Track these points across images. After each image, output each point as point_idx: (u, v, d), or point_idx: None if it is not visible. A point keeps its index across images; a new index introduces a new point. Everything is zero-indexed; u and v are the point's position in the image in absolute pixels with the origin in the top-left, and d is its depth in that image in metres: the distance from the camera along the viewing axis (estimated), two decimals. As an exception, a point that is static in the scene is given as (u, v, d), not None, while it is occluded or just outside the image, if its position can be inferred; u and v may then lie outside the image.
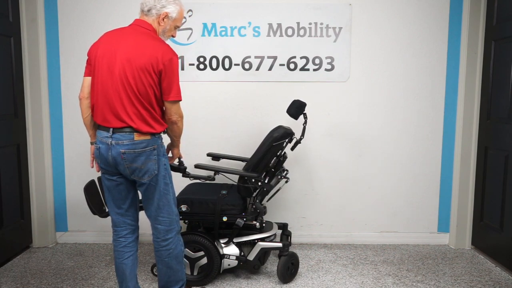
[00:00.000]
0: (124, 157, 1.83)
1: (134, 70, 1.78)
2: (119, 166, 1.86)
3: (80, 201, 3.03)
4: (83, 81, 1.93)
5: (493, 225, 2.79)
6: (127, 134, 1.83)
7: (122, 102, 1.80)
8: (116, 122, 1.82)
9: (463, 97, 2.96)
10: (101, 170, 1.96)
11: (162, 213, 1.97)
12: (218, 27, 2.95)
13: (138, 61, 1.79)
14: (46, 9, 2.92)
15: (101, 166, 1.93)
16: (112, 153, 1.84)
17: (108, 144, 1.84)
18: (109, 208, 2.03)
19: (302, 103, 2.52)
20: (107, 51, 1.83)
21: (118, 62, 1.79)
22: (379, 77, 3.02)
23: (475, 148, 2.97)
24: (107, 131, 1.84)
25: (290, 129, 2.47)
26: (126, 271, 1.99)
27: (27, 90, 2.87)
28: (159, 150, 1.92)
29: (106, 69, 1.81)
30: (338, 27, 2.96)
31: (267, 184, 2.39)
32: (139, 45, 1.82)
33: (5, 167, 2.71)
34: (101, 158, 1.89)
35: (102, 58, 1.83)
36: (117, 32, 1.91)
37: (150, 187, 1.92)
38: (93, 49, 1.90)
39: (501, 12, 2.72)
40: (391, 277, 2.54)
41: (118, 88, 1.80)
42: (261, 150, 2.38)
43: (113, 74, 1.80)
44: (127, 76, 1.78)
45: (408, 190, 3.11)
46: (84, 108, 1.93)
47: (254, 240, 2.41)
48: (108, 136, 1.84)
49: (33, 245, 2.99)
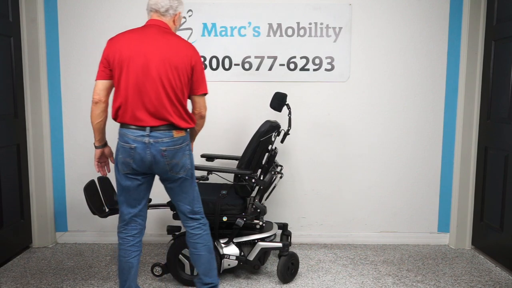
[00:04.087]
0: (165, 155, 1.88)
1: (172, 69, 1.84)
2: (157, 164, 1.89)
3: (80, 201, 3.03)
4: (97, 84, 1.88)
5: (493, 225, 2.79)
6: (166, 131, 1.88)
7: (162, 101, 1.84)
8: (153, 120, 1.86)
9: (463, 97, 2.96)
10: (125, 170, 1.91)
11: (197, 203, 2.07)
12: (218, 27, 2.95)
13: (174, 60, 1.85)
14: (46, 9, 2.92)
15: (132, 166, 1.90)
16: (152, 151, 1.87)
17: (146, 142, 1.86)
18: (122, 207, 1.99)
19: (283, 95, 2.56)
20: (136, 52, 1.83)
21: (154, 62, 1.83)
22: (379, 77, 3.02)
23: (475, 148, 2.97)
24: (143, 130, 1.86)
25: (276, 122, 2.49)
26: (131, 270, 1.99)
27: (27, 90, 2.87)
28: (189, 145, 2.02)
29: (140, 69, 1.82)
30: (338, 27, 2.96)
31: (261, 181, 2.39)
32: (171, 45, 1.87)
33: (5, 167, 2.71)
34: (135, 157, 1.87)
35: (132, 60, 1.82)
36: (138, 33, 1.90)
37: (185, 181, 1.99)
38: (111, 52, 1.85)
39: (501, 12, 2.72)
40: (391, 277, 2.54)
41: (157, 87, 1.83)
42: (250, 146, 2.38)
43: (149, 74, 1.83)
44: (167, 75, 1.84)
45: (408, 190, 3.11)
46: (99, 112, 1.90)
47: (254, 240, 2.41)
48: (145, 135, 1.86)
49: (33, 245, 2.99)
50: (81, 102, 3.00)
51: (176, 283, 2.42)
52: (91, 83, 2.97)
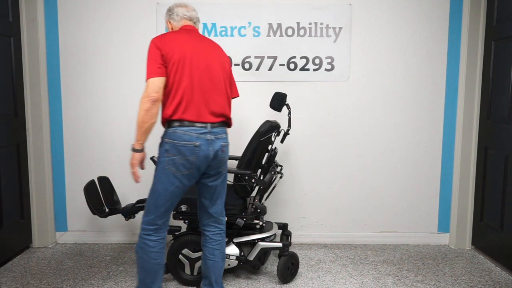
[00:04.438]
0: (224, 150, 1.97)
1: (224, 71, 1.99)
2: (216, 159, 1.94)
3: (80, 201, 3.04)
4: (155, 82, 1.81)
5: (493, 225, 2.79)
6: (222, 128, 1.98)
7: (223, 99, 1.97)
8: (212, 117, 1.92)
9: (463, 97, 2.96)
10: (183, 171, 1.87)
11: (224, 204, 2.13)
12: (218, 27, 2.95)
13: (224, 63, 2.01)
14: (46, 9, 2.92)
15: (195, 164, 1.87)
16: (214, 147, 1.91)
17: (208, 139, 1.89)
18: (157, 212, 1.90)
19: (283, 95, 2.56)
20: (196, 52, 1.89)
21: (214, 63, 1.94)
22: (379, 77, 3.02)
23: (475, 148, 2.97)
24: (205, 127, 1.89)
25: (276, 122, 2.49)
26: (160, 271, 1.97)
27: (27, 90, 2.87)
28: None
29: (204, 69, 1.90)
30: (338, 27, 2.96)
31: (261, 181, 2.39)
32: (216, 49, 2.01)
33: (5, 167, 2.71)
34: (200, 154, 1.87)
35: (193, 59, 1.88)
36: (188, 35, 1.94)
37: (225, 177, 2.06)
38: (169, 50, 1.84)
39: (501, 12, 2.72)
40: (391, 277, 2.54)
41: (219, 86, 1.95)
42: (250, 146, 2.37)
43: (212, 74, 1.93)
44: (223, 75, 1.99)
45: (408, 190, 3.11)
46: (156, 111, 1.83)
47: (254, 240, 2.41)
48: (207, 132, 1.89)
49: (33, 245, 2.99)
50: (81, 102, 3.00)
51: (176, 283, 2.42)
52: (91, 83, 2.99)
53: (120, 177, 3.03)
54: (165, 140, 1.88)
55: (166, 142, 1.87)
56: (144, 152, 1.91)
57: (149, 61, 1.83)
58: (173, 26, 2.05)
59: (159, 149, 1.91)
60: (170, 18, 2.06)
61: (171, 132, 1.87)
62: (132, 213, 2.44)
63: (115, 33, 2.96)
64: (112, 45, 2.96)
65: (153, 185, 1.91)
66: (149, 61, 1.83)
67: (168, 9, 2.07)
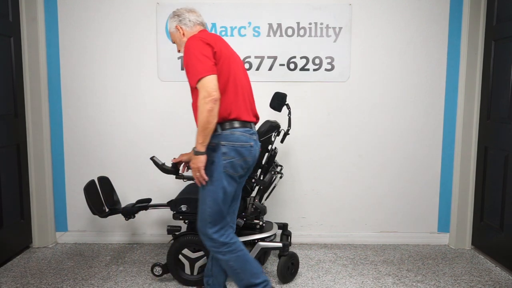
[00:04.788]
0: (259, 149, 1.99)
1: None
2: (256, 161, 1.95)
3: (80, 201, 3.04)
4: (213, 80, 1.73)
5: (493, 225, 2.79)
6: (255, 127, 2.01)
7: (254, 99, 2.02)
8: (253, 118, 1.97)
9: (463, 97, 2.96)
10: (240, 172, 1.87)
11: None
12: (218, 27, 2.95)
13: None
14: (46, 9, 2.92)
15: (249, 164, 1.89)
16: (258, 147, 1.95)
17: (255, 140, 1.92)
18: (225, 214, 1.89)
19: (283, 95, 2.56)
20: (231, 52, 1.91)
21: (243, 65, 2.01)
22: (379, 77, 3.02)
23: (475, 148, 2.97)
24: (251, 127, 1.92)
25: (276, 122, 2.49)
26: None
27: (27, 90, 2.87)
28: None
29: (241, 69, 1.94)
30: (338, 27, 2.96)
31: (261, 181, 2.39)
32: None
33: (5, 167, 2.71)
34: (254, 154, 1.89)
35: (231, 58, 1.87)
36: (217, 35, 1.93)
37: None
38: (218, 48, 1.81)
39: (501, 12, 2.72)
40: (391, 277, 2.54)
41: (250, 87, 2.02)
42: None
43: (245, 75, 1.98)
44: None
45: (408, 190, 3.11)
46: (217, 110, 1.74)
47: (254, 240, 2.41)
48: (253, 132, 1.93)
49: (33, 245, 2.99)
50: (81, 102, 3.00)
51: (176, 283, 2.42)
52: (91, 83, 2.99)
53: (120, 177, 3.03)
54: (221, 143, 1.81)
55: (223, 145, 1.80)
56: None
57: (200, 58, 1.73)
58: (185, 32, 1.97)
59: (211, 154, 1.81)
60: (181, 24, 1.98)
61: (227, 134, 1.82)
62: (132, 213, 2.44)
63: (115, 33, 2.96)
64: (112, 45, 2.96)
65: (210, 193, 1.83)
66: (200, 58, 1.73)
67: (176, 14, 2.00)
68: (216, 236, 1.86)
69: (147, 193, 3.02)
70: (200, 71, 1.71)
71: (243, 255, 1.90)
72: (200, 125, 1.72)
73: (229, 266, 1.90)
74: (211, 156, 1.82)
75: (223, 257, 1.88)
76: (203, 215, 1.86)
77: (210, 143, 1.79)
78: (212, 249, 1.90)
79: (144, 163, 2.99)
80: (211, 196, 1.83)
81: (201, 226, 1.88)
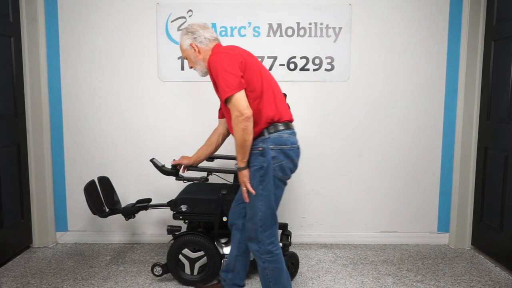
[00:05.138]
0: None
1: None
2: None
3: (80, 201, 3.04)
4: (243, 96, 1.74)
5: (493, 225, 2.79)
6: None
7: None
8: (292, 117, 1.98)
9: (463, 97, 2.96)
10: (289, 174, 1.89)
11: None
12: (218, 27, 2.95)
13: None
14: (46, 9, 2.92)
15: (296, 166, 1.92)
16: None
17: (297, 139, 1.94)
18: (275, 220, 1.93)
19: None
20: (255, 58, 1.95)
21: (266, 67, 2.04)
22: (379, 77, 3.02)
23: (475, 148, 2.97)
24: (294, 127, 1.95)
25: None
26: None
27: (27, 90, 2.87)
28: None
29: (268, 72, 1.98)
30: (338, 27, 2.96)
31: None
32: None
33: (5, 167, 2.71)
34: (299, 155, 1.93)
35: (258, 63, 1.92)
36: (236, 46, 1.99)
37: None
38: (244, 56, 1.85)
39: (501, 12, 2.72)
40: (391, 277, 2.54)
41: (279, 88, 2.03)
42: None
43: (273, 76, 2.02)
44: None
45: (408, 190, 3.11)
46: (252, 125, 1.76)
47: (254, 240, 2.41)
48: (296, 133, 1.95)
49: (33, 245, 2.99)
50: (81, 102, 3.01)
51: (176, 283, 2.42)
52: (91, 83, 2.99)
53: (120, 177, 3.03)
54: (270, 147, 1.82)
55: (271, 149, 1.81)
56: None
57: (228, 73, 1.74)
58: (201, 50, 1.96)
59: (260, 159, 1.82)
60: (196, 42, 1.96)
61: (275, 137, 1.83)
62: (132, 213, 2.44)
63: (115, 33, 2.96)
64: (112, 45, 2.96)
65: (261, 198, 1.84)
66: (228, 73, 1.74)
67: (190, 31, 1.98)
68: (267, 241, 1.87)
69: (147, 193, 3.02)
70: (230, 87, 1.73)
71: (281, 267, 1.92)
72: (237, 143, 1.78)
73: (264, 274, 1.92)
74: (260, 161, 1.82)
75: (263, 264, 1.90)
76: (254, 219, 1.87)
77: (257, 148, 1.82)
78: (255, 253, 1.91)
79: (144, 163, 2.99)
80: (262, 200, 1.84)
81: (252, 230, 1.89)
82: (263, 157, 1.81)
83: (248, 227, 1.91)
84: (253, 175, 1.83)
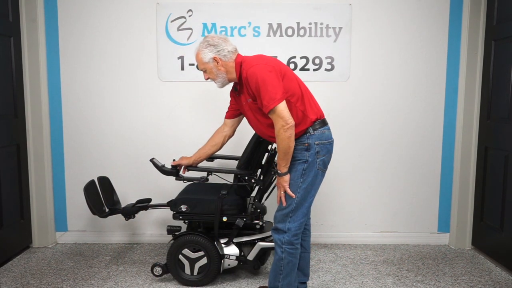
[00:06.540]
0: None
1: None
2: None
3: (80, 201, 3.03)
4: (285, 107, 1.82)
5: (493, 225, 2.79)
6: None
7: None
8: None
9: (463, 97, 2.96)
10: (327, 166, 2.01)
11: None
12: (218, 27, 2.95)
13: None
14: (46, 9, 2.92)
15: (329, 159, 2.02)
16: None
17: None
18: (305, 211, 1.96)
19: None
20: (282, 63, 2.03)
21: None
22: (379, 77, 3.02)
23: (475, 148, 2.97)
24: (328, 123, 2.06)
25: None
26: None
27: (27, 90, 2.87)
28: None
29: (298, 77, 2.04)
30: (338, 27, 2.96)
31: (261, 181, 2.38)
32: None
33: (5, 167, 2.71)
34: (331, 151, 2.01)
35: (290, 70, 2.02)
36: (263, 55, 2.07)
37: None
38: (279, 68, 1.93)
39: (501, 12, 2.72)
40: (391, 277, 2.54)
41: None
42: (250, 146, 2.37)
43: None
44: None
45: (408, 190, 3.11)
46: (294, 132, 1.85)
47: (254, 240, 2.41)
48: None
49: (33, 245, 2.99)
50: (81, 102, 3.00)
51: (176, 283, 2.42)
52: (91, 83, 2.99)
53: (120, 177, 3.03)
54: (315, 143, 1.92)
55: (316, 145, 1.92)
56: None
57: (273, 85, 1.81)
58: (224, 64, 1.98)
59: (304, 153, 1.91)
60: (219, 55, 1.98)
61: (319, 134, 1.94)
62: (132, 213, 2.44)
63: (115, 33, 2.96)
64: (112, 45, 2.96)
65: (301, 191, 1.91)
66: (273, 85, 1.81)
67: (211, 44, 1.99)
68: (293, 232, 1.92)
69: (147, 193, 3.01)
70: (275, 98, 1.80)
71: (295, 263, 1.97)
72: (282, 151, 1.85)
73: (279, 264, 1.96)
74: (304, 155, 1.91)
75: (281, 254, 1.94)
76: (288, 209, 1.93)
77: (303, 144, 1.91)
78: (276, 241, 1.95)
79: (144, 163, 2.99)
80: (300, 192, 1.91)
81: (281, 219, 1.94)
82: (308, 152, 1.91)
83: (277, 216, 1.97)
84: (295, 168, 1.92)
